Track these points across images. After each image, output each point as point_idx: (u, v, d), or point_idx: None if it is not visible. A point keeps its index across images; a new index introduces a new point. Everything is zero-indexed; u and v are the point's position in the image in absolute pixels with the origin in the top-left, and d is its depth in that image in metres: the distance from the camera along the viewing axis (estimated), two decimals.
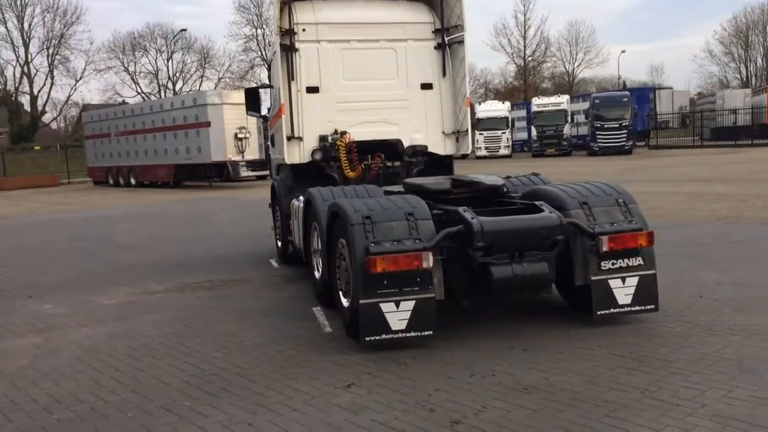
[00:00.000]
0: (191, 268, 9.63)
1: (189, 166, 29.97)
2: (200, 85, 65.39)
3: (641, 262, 5.78)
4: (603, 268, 5.71)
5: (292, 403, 4.40)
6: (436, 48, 9.09)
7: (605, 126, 38.40)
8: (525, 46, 65.59)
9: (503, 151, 42.96)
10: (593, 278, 5.70)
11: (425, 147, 9.09)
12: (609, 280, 5.72)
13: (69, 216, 19.40)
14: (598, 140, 38.69)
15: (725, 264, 8.17)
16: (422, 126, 9.13)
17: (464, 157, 9.99)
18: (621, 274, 5.74)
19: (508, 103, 46.89)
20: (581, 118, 42.96)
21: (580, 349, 5.27)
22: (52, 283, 9.00)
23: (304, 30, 8.71)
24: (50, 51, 60.10)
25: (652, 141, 43.83)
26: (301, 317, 6.58)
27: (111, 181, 34.63)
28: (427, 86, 9.12)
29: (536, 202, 5.94)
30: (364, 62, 8.89)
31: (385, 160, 8.86)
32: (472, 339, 5.59)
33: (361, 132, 8.77)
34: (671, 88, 56.69)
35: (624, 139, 38.16)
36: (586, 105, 42.36)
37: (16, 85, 61.61)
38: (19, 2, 58.14)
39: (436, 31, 9.11)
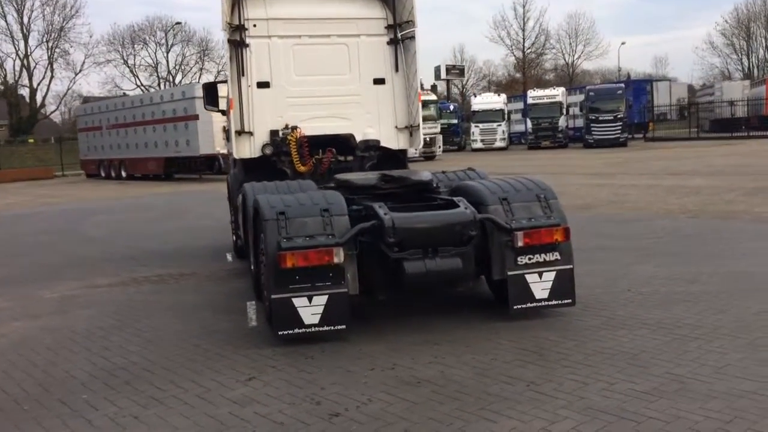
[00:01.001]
0: (146, 262, 9.74)
1: (179, 159, 30.05)
2: (200, 77, 65.48)
3: (558, 257, 5.84)
4: (519, 263, 5.77)
5: (186, 397, 4.49)
6: (388, 43, 9.10)
7: (600, 118, 38.31)
8: (524, 39, 65.49)
9: (499, 144, 42.92)
10: (510, 273, 5.76)
11: (378, 141, 9.11)
12: (526, 275, 5.77)
13: (49, 209, 19.54)
14: (593, 132, 38.60)
15: (668, 258, 8.22)
16: (375, 121, 9.15)
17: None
18: (538, 269, 5.80)
19: (504, 96, 46.80)
20: (578, 110, 42.87)
21: (488, 342, 5.34)
22: (4, 277, 9.12)
23: (255, 25, 8.72)
24: (50, 44, 60.26)
25: (649, 133, 43.70)
26: (232, 311, 6.66)
27: (103, 174, 34.80)
28: (379, 81, 9.13)
29: (455, 198, 6.01)
30: (315, 57, 8.91)
31: (338, 154, 8.90)
32: (389, 333, 5.67)
33: (312, 127, 8.79)
34: (669, 80, 56.46)
35: (619, 132, 38.06)
36: (582, 97, 42.23)
37: (16, 77, 61.85)
38: None
39: (388, 27, 9.12)
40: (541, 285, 5.82)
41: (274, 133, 8.76)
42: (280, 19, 8.79)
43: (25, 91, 63.66)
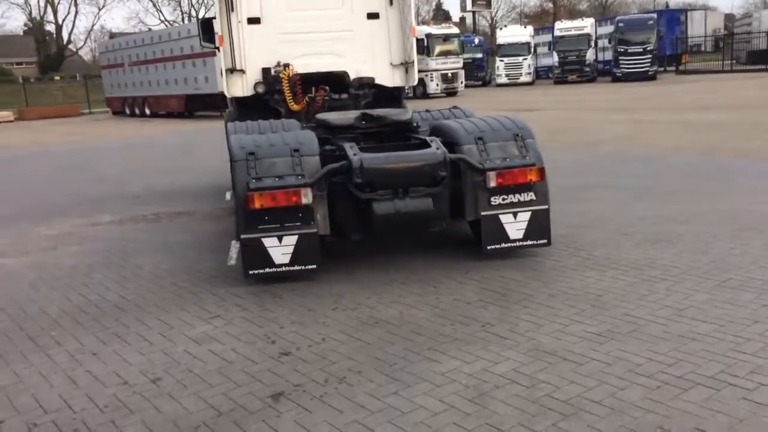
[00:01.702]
0: (149, 201, 9.87)
1: (199, 96, 30.02)
2: None
3: (533, 198, 5.76)
4: (493, 203, 5.70)
5: (148, 334, 4.61)
6: None
7: (629, 51, 37.11)
8: None
9: (524, 78, 41.93)
10: (483, 213, 5.70)
11: (372, 79, 8.94)
12: (500, 215, 5.71)
13: (68, 147, 19.80)
14: (621, 65, 37.49)
15: (665, 197, 8.06)
16: (369, 57, 8.95)
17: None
18: (512, 210, 5.73)
19: (530, 28, 45.39)
20: (607, 42, 41.51)
21: (456, 282, 5.34)
22: (9, 214, 9.33)
23: None
24: None
25: (682, 66, 42.28)
26: (217, 251, 6.75)
27: (128, 112, 35.00)
28: (373, 16, 8.90)
29: (428, 138, 5.92)
30: None
31: (332, 92, 8.78)
32: (359, 273, 5.70)
33: (305, 64, 8.65)
34: (705, 9, 54.16)
35: (648, 64, 36.88)
36: (612, 29, 40.80)
37: (41, 13, 61.91)
38: None
39: None
40: (515, 225, 5.76)
41: (266, 71, 8.66)
42: None
43: (51, 28, 63.80)
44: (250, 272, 5.43)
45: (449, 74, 34.81)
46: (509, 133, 5.92)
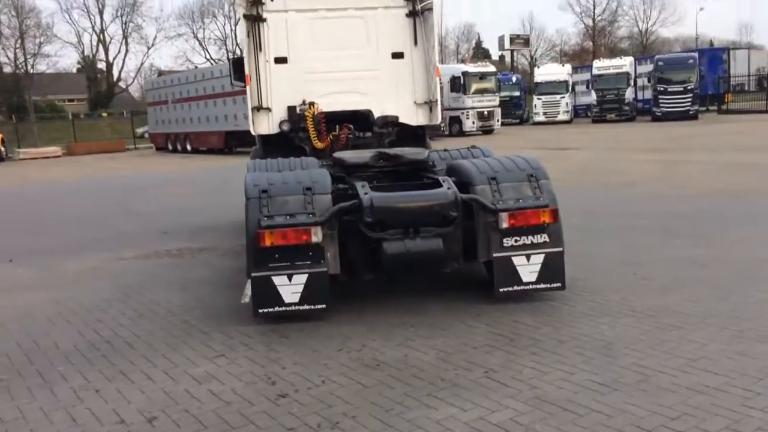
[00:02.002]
0: (176, 236, 10.02)
1: (238, 132, 30.56)
2: None
3: (547, 240, 5.67)
4: (506, 244, 5.64)
5: (152, 372, 4.63)
6: (407, 16, 8.93)
7: (668, 90, 36.65)
8: (594, 5, 63.03)
9: (562, 117, 41.73)
10: (495, 255, 5.64)
11: (396, 117, 8.99)
12: (512, 257, 5.64)
13: (108, 182, 20.33)
14: (661, 104, 37.00)
15: (692, 240, 7.87)
16: (393, 96, 9.01)
17: (438, 129, 9.90)
18: (525, 252, 5.65)
19: (568, 66, 45.32)
20: (647, 81, 41.13)
21: (465, 326, 5.26)
22: (42, 248, 9.56)
23: (272, 0, 8.74)
24: (123, 18, 62.22)
25: (724, 105, 41.57)
26: (233, 287, 6.78)
27: (170, 148, 35.84)
28: (398, 55, 8.98)
29: (440, 178, 5.91)
30: (333, 32, 8.81)
31: (356, 130, 8.85)
32: (369, 314, 5.67)
33: (330, 102, 8.75)
34: (749, 48, 53.36)
35: (689, 104, 36.35)
36: (652, 67, 40.46)
37: (93, 52, 64.25)
38: None
39: None
40: (528, 268, 5.67)
41: (291, 109, 8.77)
42: None
43: (102, 66, 66.10)
44: (260, 311, 5.45)
45: (485, 112, 34.87)
46: (523, 173, 5.88)
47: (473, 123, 34.71)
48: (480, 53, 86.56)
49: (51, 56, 59.03)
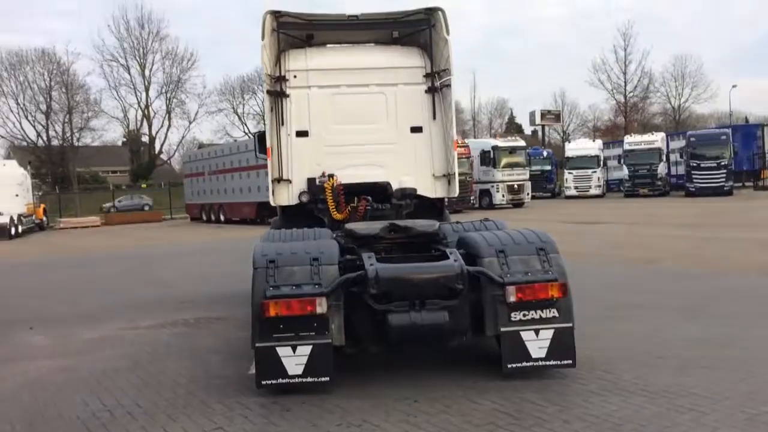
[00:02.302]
0: (194, 305, 10.08)
1: (269, 203, 31.06)
2: None
3: (556, 314, 5.57)
4: (514, 319, 5.55)
5: None
6: (426, 91, 9.10)
7: (702, 165, 36.41)
8: (625, 82, 63.57)
9: (594, 191, 41.61)
10: (503, 329, 5.54)
11: (414, 190, 9.03)
12: (521, 332, 5.54)
13: (138, 251, 20.70)
14: (695, 180, 36.70)
15: (716, 319, 7.65)
16: (411, 169, 9.08)
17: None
18: (534, 326, 5.55)
19: (599, 141, 45.55)
20: (680, 157, 40.95)
21: (470, 402, 5.13)
22: (62, 315, 9.71)
23: (295, 76, 8.92)
24: (168, 95, 64.54)
25: (760, 181, 41.03)
26: (242, 358, 6.73)
27: (204, 218, 36.53)
28: (417, 129, 9.09)
29: (448, 250, 5.89)
30: (353, 106, 8.99)
31: (375, 202, 8.89)
32: (374, 387, 5.57)
33: (349, 174, 8.84)
34: None
35: (722, 180, 35.98)
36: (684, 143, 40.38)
37: (138, 126, 66.56)
38: (141, 51, 63.16)
39: (427, 75, 9.13)
40: (538, 343, 5.55)
41: (311, 181, 8.88)
42: (320, 70, 8.98)
43: (145, 139, 68.27)
44: (263, 383, 5.39)
45: (515, 186, 34.96)
46: (532, 246, 5.83)
47: (503, 196, 34.77)
48: (513, 128, 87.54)
49: (97, 130, 61.14)
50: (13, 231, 30.57)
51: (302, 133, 8.93)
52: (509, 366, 5.54)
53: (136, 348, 7.46)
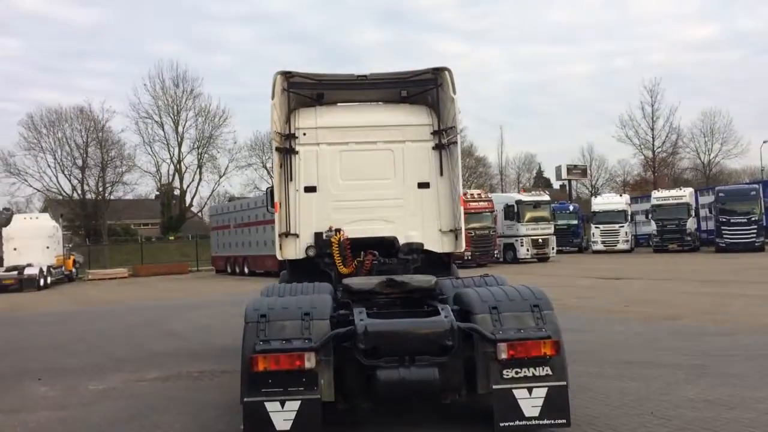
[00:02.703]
0: (202, 358, 10.11)
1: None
2: None
3: (549, 372, 5.48)
4: (506, 376, 5.46)
5: None
6: (434, 148, 9.19)
7: (731, 221, 35.87)
8: (653, 138, 63.27)
9: (621, 246, 41.11)
10: (495, 387, 5.46)
11: (421, 245, 9.04)
12: (513, 390, 5.45)
13: (157, 303, 20.88)
14: (725, 236, 36.10)
15: (725, 379, 7.43)
16: (418, 224, 9.10)
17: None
18: (527, 384, 5.46)
19: (626, 196, 45.23)
20: (709, 212, 40.39)
21: None
22: (73, 367, 9.80)
23: (304, 134, 9.08)
24: (199, 150, 65.94)
25: None
26: (239, 412, 6.67)
27: (229, 270, 36.83)
28: (424, 185, 9.15)
29: (440, 306, 5.87)
30: (361, 163, 9.10)
31: (382, 256, 8.90)
32: None
33: (356, 229, 8.90)
34: None
35: (753, 235, 35.34)
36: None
37: (170, 180, 67.93)
38: (175, 108, 64.97)
39: (434, 132, 9.24)
40: (531, 402, 5.45)
41: (318, 236, 8.95)
42: (328, 128, 9.15)
43: (177, 192, 69.59)
44: None
45: (540, 240, 34.74)
46: (526, 303, 5.77)
47: (527, 250, 34.53)
48: (541, 182, 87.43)
49: (130, 184, 62.59)
50: (42, 282, 31.16)
51: (310, 189, 9.03)
52: (501, 425, 5.43)
53: (137, 401, 7.48)
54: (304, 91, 9.35)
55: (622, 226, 41.41)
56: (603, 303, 15.32)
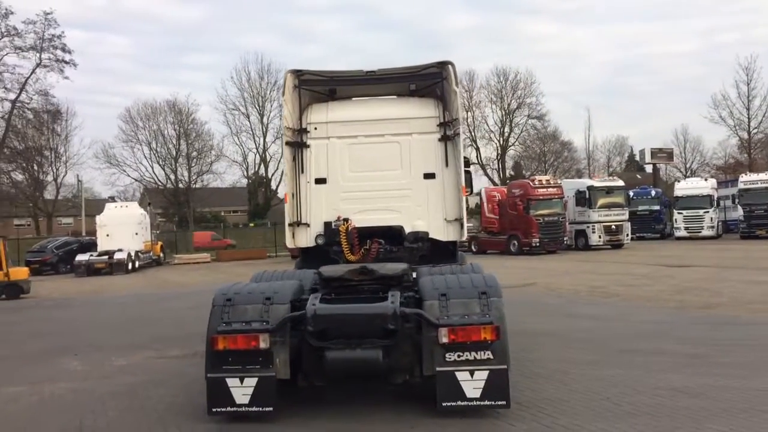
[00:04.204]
0: None
1: None
2: None
3: (491, 356, 5.70)
4: (448, 359, 5.72)
5: None
6: (440, 140, 9.42)
7: None
8: (749, 118, 59.80)
9: (707, 232, 39.28)
10: (438, 369, 5.73)
11: (426, 233, 9.33)
12: (456, 372, 5.70)
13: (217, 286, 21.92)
14: None
15: (721, 369, 7.36)
16: (424, 213, 9.36)
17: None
18: (468, 367, 5.70)
19: (712, 181, 43.08)
20: None
21: None
22: (110, 344, 10.71)
23: (316, 128, 9.51)
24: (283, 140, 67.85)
25: None
26: None
27: None
28: (430, 176, 9.39)
29: (390, 292, 6.16)
30: (369, 155, 9.43)
31: (389, 245, 9.25)
32: (314, 419, 5.95)
33: (364, 219, 9.28)
34: None
35: None
36: None
37: (256, 169, 70.45)
38: (260, 99, 67.15)
39: (441, 125, 9.45)
40: (472, 384, 5.70)
41: (327, 225, 9.38)
42: (338, 122, 9.54)
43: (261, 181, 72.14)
44: (213, 410, 5.90)
45: (613, 226, 33.80)
46: (475, 290, 5.99)
47: (599, 237, 33.67)
48: (633, 166, 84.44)
49: (219, 173, 65.50)
50: (130, 266, 33.27)
51: (321, 181, 9.45)
52: (444, 404, 5.71)
53: (147, 376, 8.18)
54: (317, 88, 9.77)
55: (707, 212, 39.56)
56: (648, 292, 15.00)
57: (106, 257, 33.05)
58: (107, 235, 35.25)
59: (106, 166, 61.60)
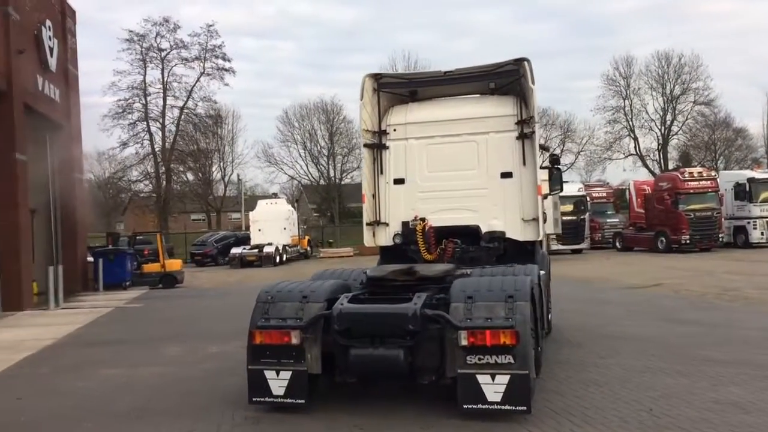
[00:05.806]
0: None
1: None
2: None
3: (512, 361, 5.62)
4: (469, 362, 5.71)
5: None
6: (517, 138, 9.25)
7: None
8: None
9: None
10: (459, 371, 5.75)
11: (503, 233, 9.22)
12: (477, 375, 5.68)
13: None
14: None
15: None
16: (501, 212, 9.24)
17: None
18: (490, 371, 5.66)
19: None
20: None
21: None
22: (214, 333, 11.48)
23: (395, 130, 9.67)
24: None
25: None
26: None
27: None
28: (507, 175, 9.23)
29: (418, 293, 6.22)
30: (446, 155, 9.44)
31: (465, 245, 9.25)
32: (343, 413, 6.16)
33: (441, 218, 9.34)
34: None
35: None
36: None
37: None
38: None
39: (519, 122, 9.28)
40: (493, 387, 5.65)
41: (405, 224, 9.54)
42: (416, 123, 9.65)
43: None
44: (254, 399, 6.33)
45: None
46: (503, 294, 5.90)
47: (762, 234, 30.74)
48: None
49: None
50: (277, 259, 35.34)
51: (399, 181, 9.63)
52: (464, 407, 5.71)
53: (230, 363, 8.66)
54: (397, 90, 9.96)
55: None
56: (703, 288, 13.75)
57: (257, 250, 35.35)
58: (259, 230, 37.61)
59: (266, 164, 65.66)
